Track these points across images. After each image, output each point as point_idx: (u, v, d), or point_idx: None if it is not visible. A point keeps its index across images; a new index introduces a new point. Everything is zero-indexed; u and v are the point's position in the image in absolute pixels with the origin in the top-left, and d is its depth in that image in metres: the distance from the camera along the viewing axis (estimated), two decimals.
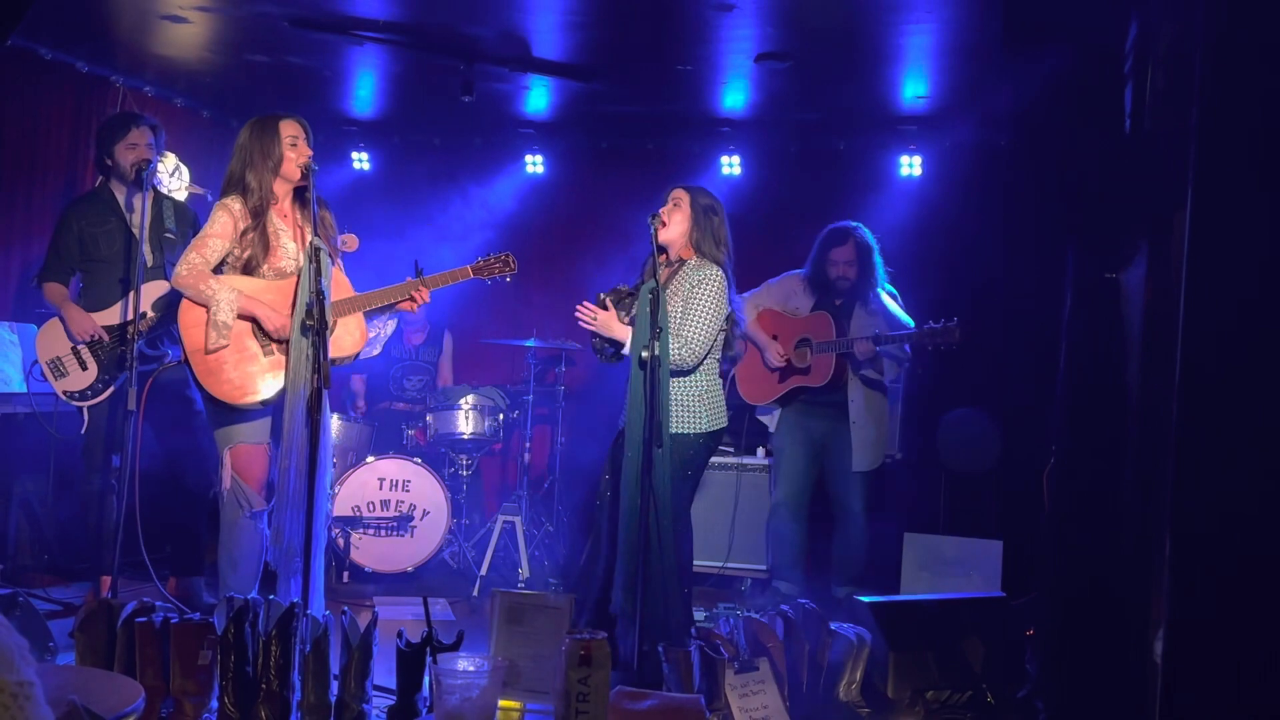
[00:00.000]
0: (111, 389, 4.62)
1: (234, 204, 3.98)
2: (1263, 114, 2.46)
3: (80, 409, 4.64)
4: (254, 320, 3.94)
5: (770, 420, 5.47)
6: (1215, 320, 2.49)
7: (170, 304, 4.66)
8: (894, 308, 5.32)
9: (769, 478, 5.72)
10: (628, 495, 3.94)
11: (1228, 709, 2.47)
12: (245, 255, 3.97)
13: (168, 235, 4.79)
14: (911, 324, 5.20)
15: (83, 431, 4.66)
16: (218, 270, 3.98)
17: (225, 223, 3.96)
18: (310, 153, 4.01)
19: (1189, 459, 2.52)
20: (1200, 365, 2.50)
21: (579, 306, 4.19)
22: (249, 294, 3.94)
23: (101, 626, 3.38)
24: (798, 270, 5.46)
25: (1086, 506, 3.41)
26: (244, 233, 3.97)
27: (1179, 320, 2.54)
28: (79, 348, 4.62)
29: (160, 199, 4.89)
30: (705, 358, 4.16)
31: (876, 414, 5.32)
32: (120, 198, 4.78)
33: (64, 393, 4.63)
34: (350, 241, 4.18)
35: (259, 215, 3.98)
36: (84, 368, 4.62)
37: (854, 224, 5.37)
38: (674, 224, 4.23)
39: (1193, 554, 2.51)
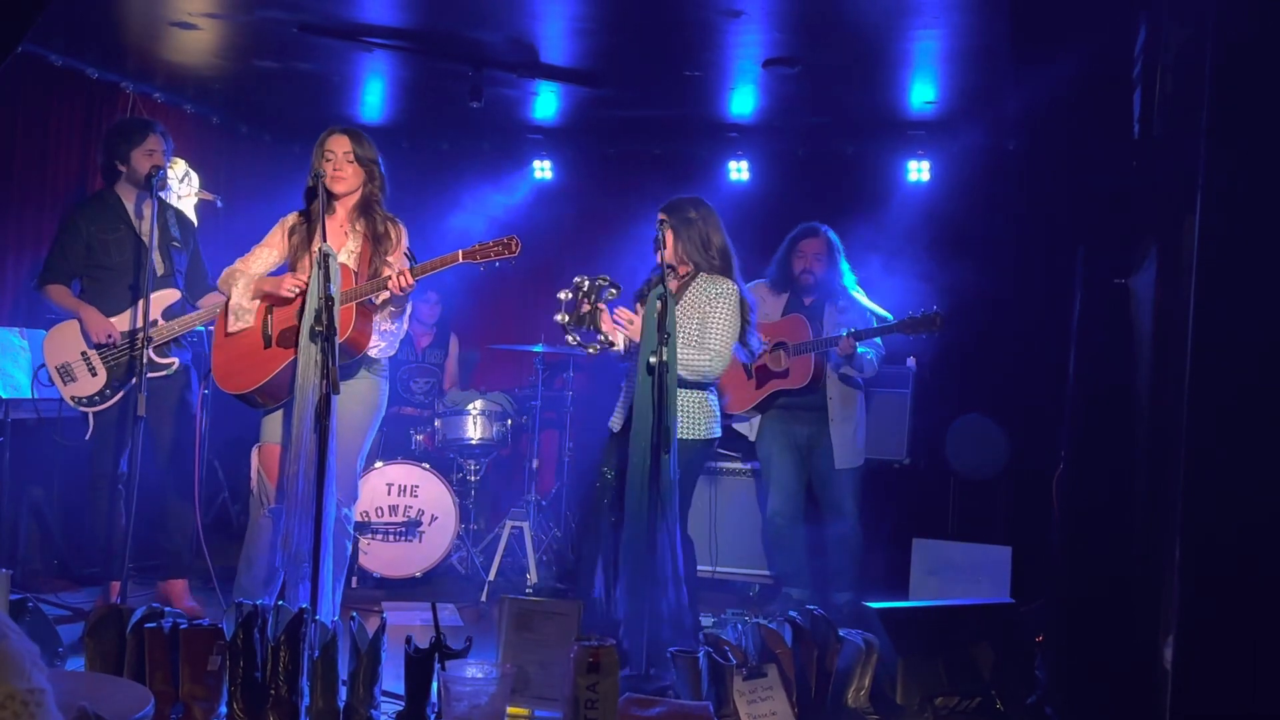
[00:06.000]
0: (120, 395, 4.64)
1: (290, 218, 4.17)
2: (1273, 118, 2.46)
3: (87, 415, 4.65)
4: (267, 297, 4.06)
5: (748, 429, 5.40)
6: (1225, 324, 2.48)
7: (177, 312, 4.71)
8: (868, 303, 5.31)
9: (754, 482, 5.71)
10: (633, 500, 3.95)
11: (1238, 715, 2.46)
12: (291, 256, 4.13)
13: (174, 244, 4.82)
14: (890, 317, 5.20)
15: (87, 437, 4.67)
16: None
17: (274, 234, 4.18)
18: (332, 169, 4.04)
19: (1199, 464, 2.51)
20: (1211, 370, 2.50)
21: (617, 311, 4.20)
22: (265, 278, 4.11)
23: (111, 632, 3.38)
24: (760, 280, 5.42)
25: (1096, 512, 3.40)
26: (291, 234, 4.14)
27: (1189, 325, 2.53)
28: (89, 353, 4.63)
29: (165, 207, 4.91)
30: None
31: (854, 412, 5.30)
32: (129, 204, 4.79)
33: (72, 398, 4.63)
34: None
35: (311, 221, 4.08)
36: (93, 374, 4.63)
37: (823, 225, 5.36)
38: (667, 248, 4.30)
39: (1203, 560, 2.50)
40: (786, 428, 5.31)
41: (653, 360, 3.87)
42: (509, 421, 6.17)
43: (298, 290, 3.96)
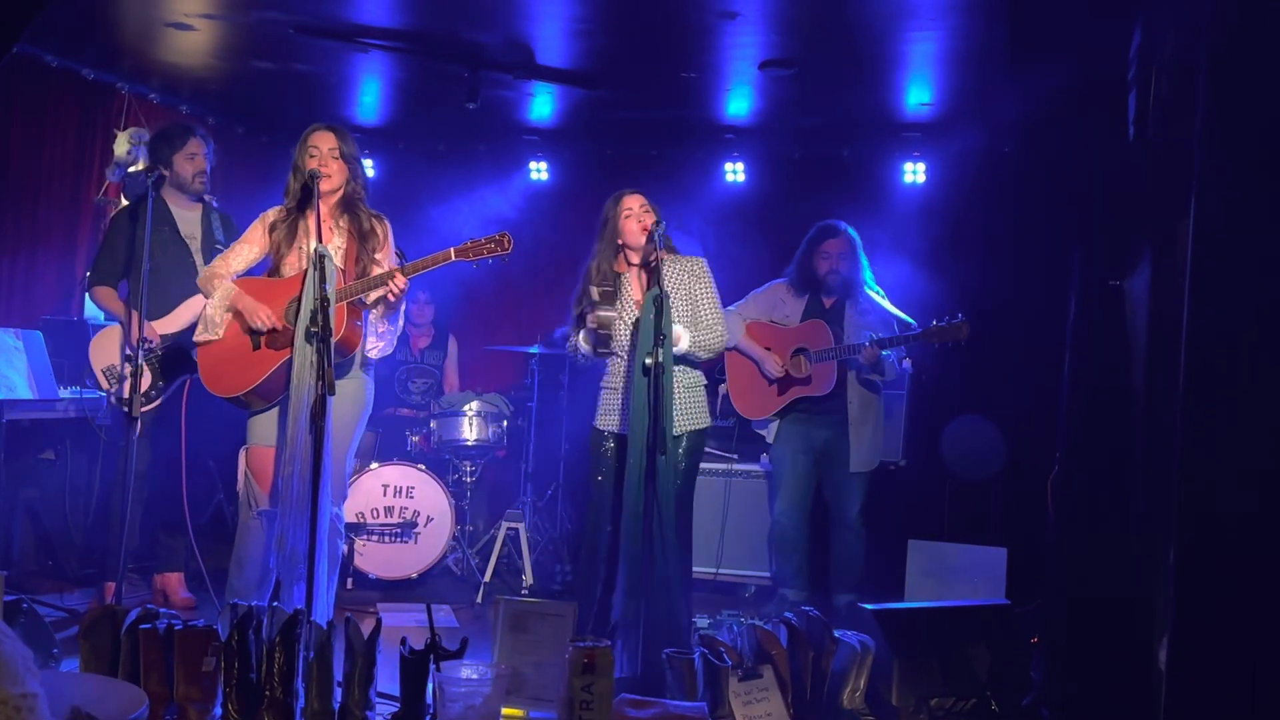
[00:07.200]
0: (168, 393, 4.69)
1: (270, 213, 4.10)
2: (1266, 122, 2.46)
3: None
4: (239, 316, 4.01)
5: (768, 432, 5.39)
6: (1219, 327, 2.49)
7: None
8: (887, 305, 5.29)
9: (764, 485, 5.69)
10: (630, 501, 3.95)
11: (1233, 717, 2.46)
12: (274, 253, 4.07)
13: (218, 246, 4.84)
14: (913, 321, 5.18)
15: (136, 436, 4.69)
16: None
17: (254, 229, 4.10)
18: (319, 165, 3.99)
19: (1193, 466, 2.51)
20: (1205, 372, 2.50)
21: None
22: (245, 290, 4.02)
23: (106, 633, 3.38)
24: (780, 279, 5.40)
25: (1091, 514, 3.40)
26: (272, 230, 4.07)
27: (1183, 327, 2.54)
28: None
29: (209, 210, 4.94)
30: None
31: (873, 415, 5.28)
32: (173, 208, 4.82)
33: (118, 399, 4.65)
34: None
35: (303, 216, 4.04)
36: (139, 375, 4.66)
37: (840, 222, 5.33)
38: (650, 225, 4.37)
39: (1197, 561, 2.50)
40: (805, 430, 5.28)
41: (648, 362, 3.87)
42: (505, 422, 6.17)
43: (265, 327, 3.97)
